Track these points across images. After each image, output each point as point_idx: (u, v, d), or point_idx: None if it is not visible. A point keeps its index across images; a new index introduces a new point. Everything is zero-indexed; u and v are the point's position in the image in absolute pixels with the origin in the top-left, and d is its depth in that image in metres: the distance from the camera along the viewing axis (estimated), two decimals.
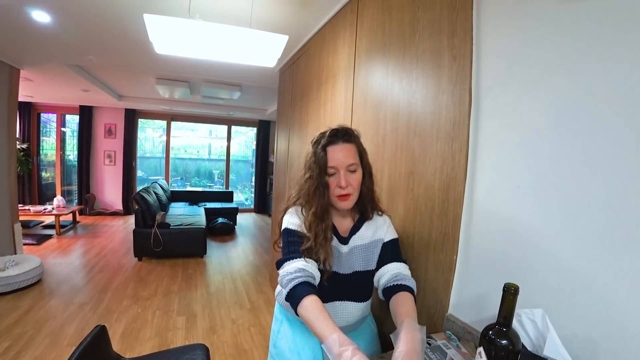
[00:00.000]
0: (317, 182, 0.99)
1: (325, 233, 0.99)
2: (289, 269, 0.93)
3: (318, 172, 0.99)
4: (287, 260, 0.96)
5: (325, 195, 1.00)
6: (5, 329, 2.54)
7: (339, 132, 1.01)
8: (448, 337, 1.05)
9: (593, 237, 0.74)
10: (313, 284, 0.92)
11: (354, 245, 1.08)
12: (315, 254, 0.98)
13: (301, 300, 0.84)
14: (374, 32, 1.64)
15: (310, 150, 1.03)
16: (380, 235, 1.11)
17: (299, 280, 0.89)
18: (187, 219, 5.06)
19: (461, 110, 1.08)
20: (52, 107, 6.83)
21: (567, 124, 0.79)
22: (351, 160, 0.99)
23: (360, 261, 1.08)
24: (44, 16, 2.43)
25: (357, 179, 1.01)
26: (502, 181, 0.97)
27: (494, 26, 1.01)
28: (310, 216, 1.00)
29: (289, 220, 1.04)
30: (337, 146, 0.99)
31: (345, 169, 0.98)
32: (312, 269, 0.94)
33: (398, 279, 1.03)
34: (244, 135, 8.94)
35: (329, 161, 0.98)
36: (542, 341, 0.75)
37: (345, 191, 0.98)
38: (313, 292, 0.86)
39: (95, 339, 1.26)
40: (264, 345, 2.57)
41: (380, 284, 1.08)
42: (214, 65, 3.57)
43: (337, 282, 1.05)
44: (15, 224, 3.89)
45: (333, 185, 0.99)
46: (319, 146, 1.00)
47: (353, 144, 1.02)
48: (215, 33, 1.68)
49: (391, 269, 1.07)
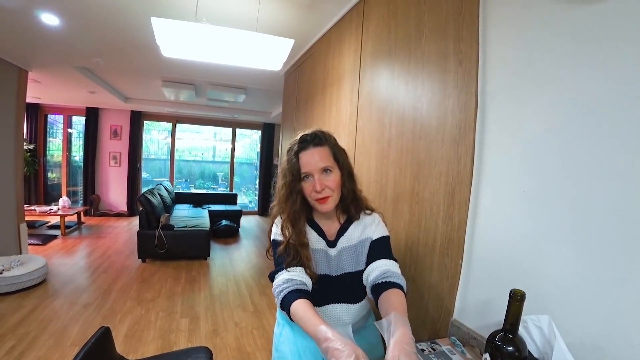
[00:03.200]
0: (290, 188, 1.00)
1: (299, 238, 1.00)
2: (278, 282, 0.96)
3: (291, 179, 1.00)
4: (275, 272, 1.00)
5: (297, 201, 1.01)
6: (9, 329, 2.55)
7: (309, 136, 1.01)
8: (453, 343, 1.04)
9: (600, 243, 0.73)
10: (304, 289, 0.94)
11: (342, 247, 1.07)
12: (298, 262, 0.99)
13: (290, 307, 0.87)
14: (379, 36, 1.64)
15: (285, 158, 1.04)
16: (368, 234, 1.08)
17: (287, 290, 0.92)
18: (191, 221, 5.07)
19: (467, 114, 1.08)
20: (59, 109, 6.90)
21: (573, 128, 0.79)
22: (324, 163, 0.99)
23: (349, 262, 1.07)
24: (53, 19, 2.46)
25: (333, 180, 1.00)
26: (508, 186, 0.97)
27: (500, 31, 1.01)
28: (284, 222, 1.01)
29: (274, 231, 1.06)
30: (309, 151, 0.99)
31: (319, 172, 0.98)
32: (299, 277, 0.96)
33: (387, 275, 0.98)
34: (249, 138, 8.96)
35: (302, 167, 0.99)
36: (549, 348, 0.74)
37: (322, 194, 0.98)
38: (300, 297, 0.88)
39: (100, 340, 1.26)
40: (267, 348, 2.56)
41: (368, 282, 1.03)
42: (219, 68, 3.59)
43: (328, 285, 1.05)
44: (21, 223, 3.92)
45: (309, 189, 0.99)
46: (292, 153, 1.01)
47: (325, 146, 1.01)
48: (222, 36, 1.69)
49: (379, 266, 1.02)
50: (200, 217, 5.50)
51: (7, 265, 3.25)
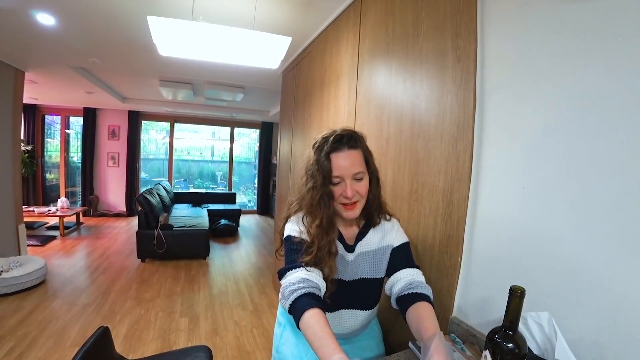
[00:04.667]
0: (321, 192, 0.92)
1: (330, 247, 0.93)
2: (292, 279, 0.87)
3: (322, 182, 0.92)
4: (289, 269, 0.91)
5: (330, 205, 0.93)
6: (9, 330, 2.55)
7: (344, 137, 0.93)
8: (453, 340, 1.04)
9: (599, 239, 0.73)
10: (317, 294, 0.86)
11: (360, 252, 1.03)
12: (318, 265, 0.92)
13: (303, 314, 0.79)
14: (377, 33, 1.63)
15: (312, 155, 0.96)
16: (388, 241, 1.05)
17: (301, 291, 0.84)
18: (190, 221, 5.07)
19: (465, 111, 1.07)
20: (56, 109, 6.87)
21: (573, 124, 0.79)
22: (358, 169, 0.92)
23: (367, 268, 1.04)
24: (48, 19, 2.44)
25: (364, 187, 0.94)
26: (507, 182, 0.97)
27: (498, 28, 1.00)
28: (314, 229, 0.93)
29: (291, 227, 0.99)
30: (342, 153, 0.92)
31: (351, 177, 0.92)
32: (316, 279, 0.89)
33: (413, 286, 0.96)
34: (247, 137, 8.95)
35: (334, 170, 0.91)
36: (549, 345, 0.74)
37: (351, 200, 0.93)
38: (315, 305, 0.80)
39: (99, 340, 1.26)
40: (267, 347, 2.56)
41: (393, 292, 1.01)
42: (217, 67, 3.57)
43: (341, 289, 1.00)
44: (19, 225, 3.90)
45: (338, 193, 0.93)
46: (322, 153, 0.92)
47: (359, 150, 0.95)
48: (219, 35, 1.68)
49: (404, 276, 1.00)
50: (199, 217, 5.50)
51: (6, 266, 3.24)
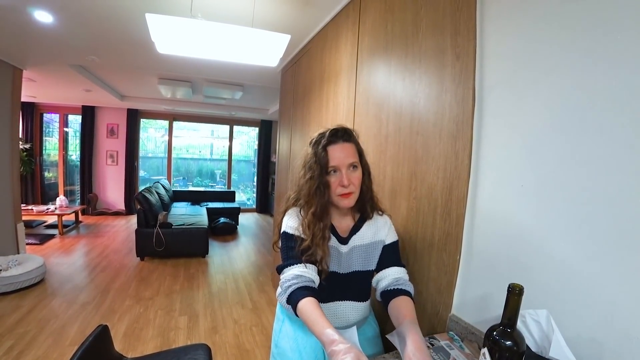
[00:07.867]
0: (317, 181, 1.00)
1: (323, 232, 1.01)
2: (287, 276, 0.97)
3: (319, 172, 1.00)
4: (286, 266, 1.00)
5: (325, 194, 1.01)
6: (8, 329, 2.55)
7: (339, 131, 1.02)
8: (451, 338, 1.04)
9: (597, 238, 0.73)
10: (311, 287, 0.95)
11: (353, 245, 1.09)
12: (312, 254, 1.00)
13: (297, 303, 0.89)
14: (376, 31, 1.63)
15: (310, 151, 1.04)
16: (381, 236, 1.12)
17: (296, 286, 0.93)
18: (189, 219, 5.06)
19: (464, 109, 1.07)
20: (54, 107, 6.85)
21: (571, 123, 0.79)
22: (352, 159, 1.01)
23: (359, 261, 1.10)
24: (46, 16, 2.43)
25: (358, 177, 1.02)
26: (505, 181, 0.97)
27: (498, 25, 1.00)
28: (309, 216, 1.01)
29: (287, 223, 1.06)
30: (338, 145, 1.01)
31: (346, 167, 1.00)
32: (310, 274, 0.97)
33: (399, 283, 1.07)
34: (246, 135, 8.94)
35: (331, 160, 0.99)
36: (547, 342, 0.74)
37: (347, 189, 1.00)
38: (309, 294, 0.90)
39: (98, 338, 1.26)
40: (266, 345, 2.57)
41: (379, 287, 1.11)
42: (216, 65, 3.57)
43: (336, 282, 1.07)
44: (18, 223, 3.90)
45: (335, 184, 1.00)
46: (319, 146, 1.01)
47: (352, 143, 1.04)
48: (218, 32, 1.67)
49: (392, 274, 1.10)
50: (199, 215, 5.49)
51: (4, 265, 3.24)
